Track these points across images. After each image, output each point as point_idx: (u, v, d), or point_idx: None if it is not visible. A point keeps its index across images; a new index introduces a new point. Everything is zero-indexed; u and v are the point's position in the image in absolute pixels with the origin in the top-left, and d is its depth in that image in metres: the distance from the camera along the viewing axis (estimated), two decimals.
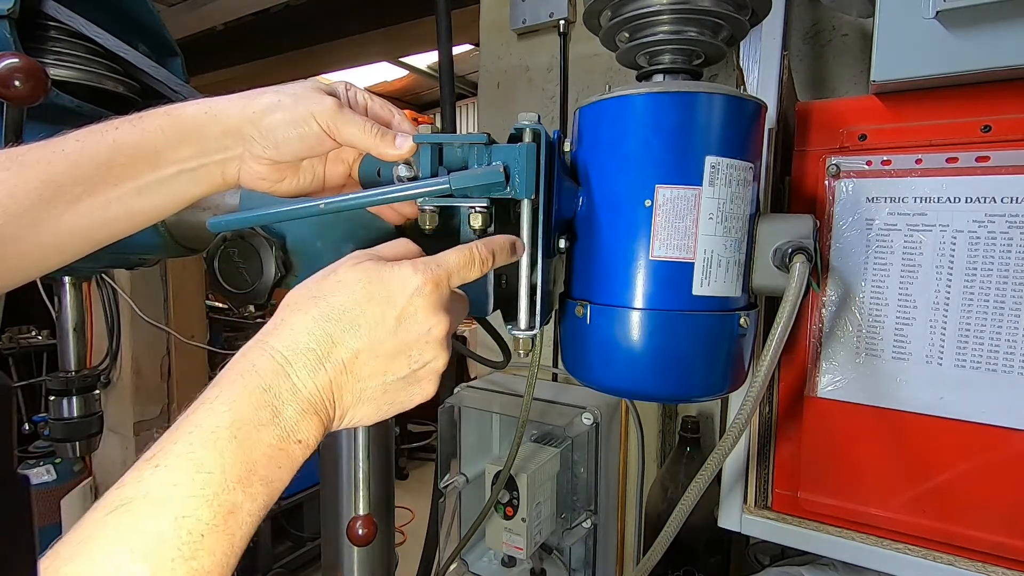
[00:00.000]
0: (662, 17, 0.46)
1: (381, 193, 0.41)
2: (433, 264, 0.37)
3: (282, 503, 2.47)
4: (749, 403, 0.45)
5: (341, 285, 0.35)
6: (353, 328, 0.34)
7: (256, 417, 0.30)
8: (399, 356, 0.36)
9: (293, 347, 0.32)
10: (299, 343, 0.32)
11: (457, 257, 0.38)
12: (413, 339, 0.36)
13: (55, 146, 0.38)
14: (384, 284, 0.35)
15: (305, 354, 0.32)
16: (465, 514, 0.97)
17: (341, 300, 0.34)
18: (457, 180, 0.40)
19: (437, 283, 0.36)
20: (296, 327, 0.33)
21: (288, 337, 0.33)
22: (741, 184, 0.46)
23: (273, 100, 0.41)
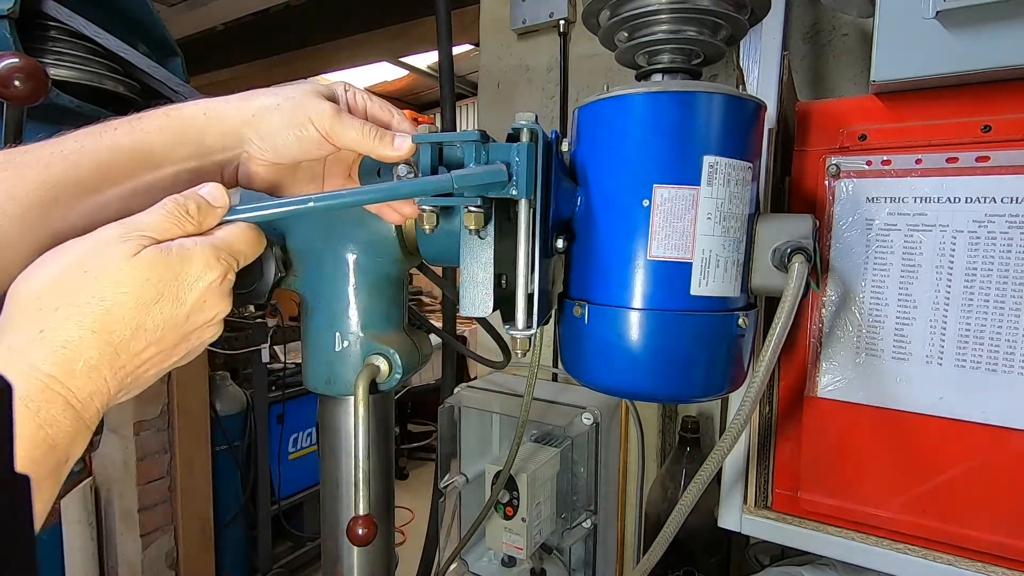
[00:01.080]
0: (661, 16, 0.46)
1: (375, 191, 0.40)
2: (225, 252, 0.35)
3: (282, 503, 2.47)
4: (748, 403, 0.45)
5: (120, 288, 0.31)
6: (138, 333, 0.32)
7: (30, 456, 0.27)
8: (181, 344, 0.35)
9: (70, 370, 0.29)
10: (77, 363, 0.29)
11: (245, 239, 0.37)
12: (197, 327, 0.35)
13: (54, 147, 0.38)
14: (175, 280, 0.33)
15: (87, 374, 0.30)
16: (465, 514, 0.97)
17: (126, 308, 0.31)
18: (459, 178, 0.39)
19: (227, 271, 0.36)
20: (71, 343, 0.29)
21: (62, 358, 0.29)
22: (740, 184, 0.46)
23: (271, 102, 0.41)
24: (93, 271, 0.31)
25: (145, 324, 0.32)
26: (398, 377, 0.53)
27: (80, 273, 0.31)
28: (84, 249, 0.32)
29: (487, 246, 0.42)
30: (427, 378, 3.26)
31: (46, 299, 0.30)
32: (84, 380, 0.30)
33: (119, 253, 0.32)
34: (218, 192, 0.36)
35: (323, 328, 0.53)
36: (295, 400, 2.49)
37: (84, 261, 0.31)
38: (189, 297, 0.34)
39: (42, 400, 0.28)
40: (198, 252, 0.34)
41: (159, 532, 2.07)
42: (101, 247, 0.32)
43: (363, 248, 0.52)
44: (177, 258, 0.33)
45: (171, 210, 0.34)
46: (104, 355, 0.30)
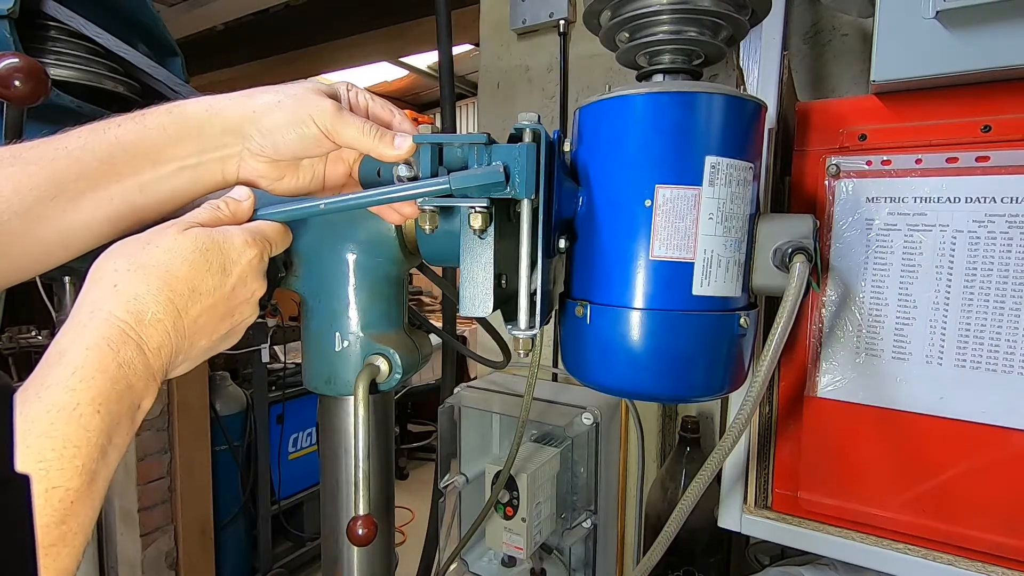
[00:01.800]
0: (662, 17, 0.46)
1: (381, 193, 0.41)
2: (259, 235, 0.40)
3: (282, 503, 2.47)
4: (749, 403, 0.45)
5: (176, 255, 0.36)
6: (194, 295, 0.36)
7: (113, 391, 0.31)
8: (227, 317, 0.39)
9: (140, 319, 0.34)
10: (146, 314, 0.34)
11: (275, 228, 0.42)
12: (240, 302, 0.40)
13: (58, 143, 0.38)
14: (221, 254, 0.38)
15: (154, 326, 0.34)
16: (465, 514, 0.97)
17: (183, 270, 0.36)
18: (457, 180, 0.40)
19: (262, 253, 0.40)
20: (141, 297, 0.34)
21: (134, 308, 0.33)
22: (741, 184, 0.46)
23: (273, 100, 0.41)
24: (153, 243, 0.36)
25: (199, 288, 0.36)
26: (398, 377, 0.53)
27: (144, 245, 0.36)
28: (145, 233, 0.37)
29: (487, 246, 0.42)
30: (427, 378, 3.26)
31: (118, 264, 0.35)
32: (152, 329, 0.34)
33: (173, 229, 0.37)
34: (243, 191, 0.42)
35: (323, 328, 0.53)
36: (295, 400, 2.49)
37: (148, 238, 0.37)
38: (234, 270, 0.38)
39: (120, 342, 0.32)
40: (237, 232, 0.39)
41: (159, 532, 2.07)
42: (159, 229, 0.37)
43: (363, 248, 0.52)
44: (221, 235, 0.38)
45: (206, 206, 0.40)
46: (167, 310, 0.35)
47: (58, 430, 0.29)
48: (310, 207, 0.42)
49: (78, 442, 0.29)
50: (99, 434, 0.30)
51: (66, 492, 0.28)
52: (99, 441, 0.30)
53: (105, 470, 0.31)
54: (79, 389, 0.30)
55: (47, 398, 0.30)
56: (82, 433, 0.30)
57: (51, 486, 0.28)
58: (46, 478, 0.28)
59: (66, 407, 0.29)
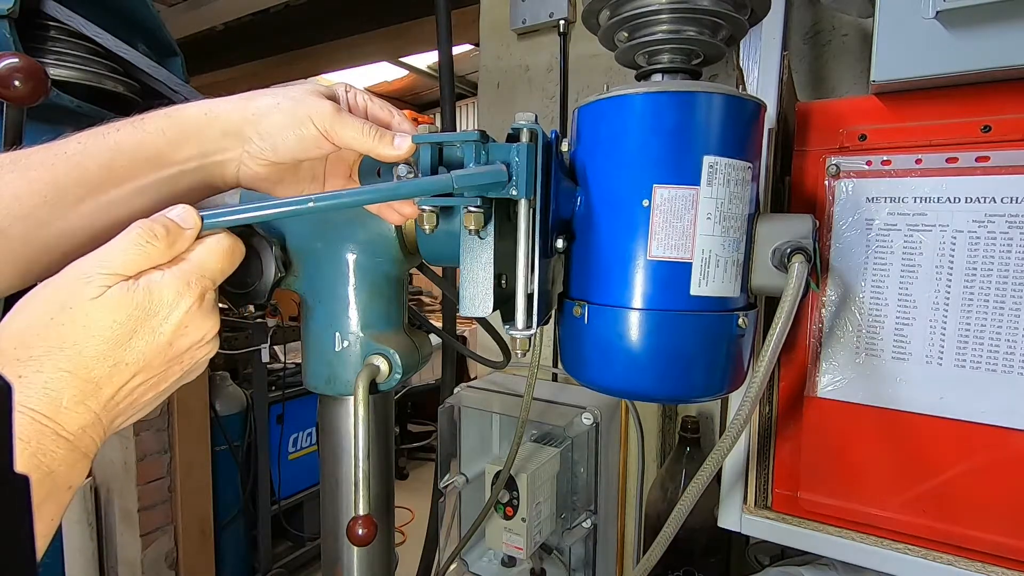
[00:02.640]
0: (661, 16, 0.46)
1: (375, 191, 0.40)
2: (196, 275, 0.35)
3: (282, 503, 2.47)
4: (748, 403, 0.45)
5: (89, 331, 0.32)
6: (119, 368, 0.33)
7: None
8: (172, 367, 0.36)
9: (56, 408, 0.30)
10: (61, 402, 0.31)
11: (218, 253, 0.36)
12: (186, 349, 0.36)
13: (58, 148, 0.38)
14: (147, 315, 0.33)
15: (73, 409, 0.31)
16: (465, 514, 0.97)
17: (97, 347, 0.32)
18: (459, 178, 0.39)
19: (203, 293, 0.35)
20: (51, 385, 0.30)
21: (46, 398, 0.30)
22: (740, 184, 0.46)
23: (272, 102, 0.41)
24: (58, 318, 0.31)
25: (124, 359, 0.33)
26: (398, 377, 0.53)
27: (47, 321, 0.31)
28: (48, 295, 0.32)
29: (487, 246, 0.42)
30: (427, 378, 3.26)
31: (21, 348, 0.31)
32: (71, 415, 0.31)
33: (82, 296, 0.32)
34: (188, 214, 0.36)
35: (323, 328, 0.53)
36: (295, 400, 2.49)
37: (48, 309, 0.32)
38: (166, 328, 0.34)
39: (33, 433, 0.29)
40: (167, 283, 0.34)
41: (159, 532, 2.07)
42: (64, 292, 0.32)
43: (363, 248, 0.52)
44: (144, 293, 0.33)
45: (135, 239, 0.33)
46: (86, 392, 0.31)
47: None
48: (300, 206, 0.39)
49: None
50: None
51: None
52: None
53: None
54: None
55: None
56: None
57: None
58: None
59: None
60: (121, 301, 0.32)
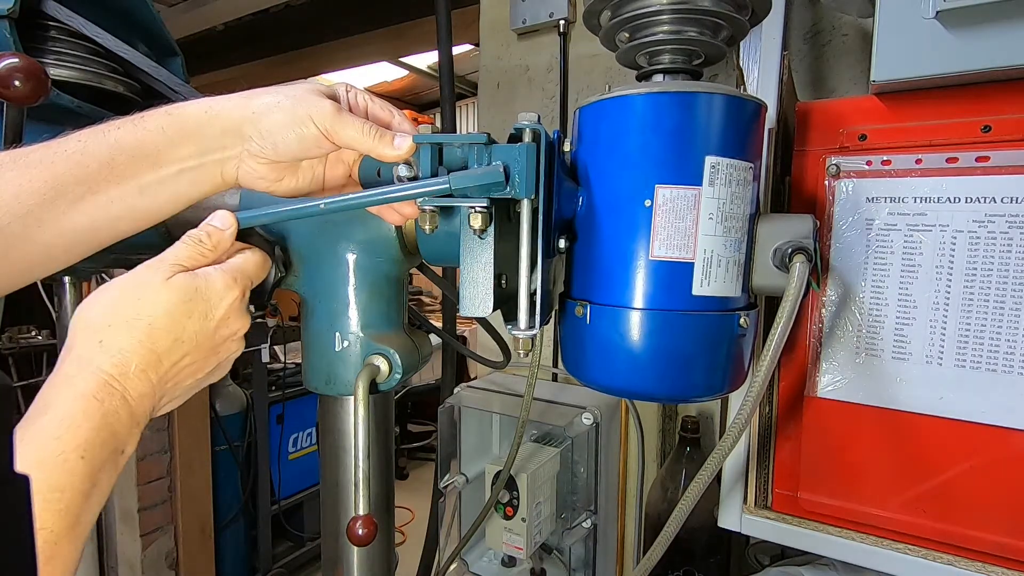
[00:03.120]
0: (662, 17, 0.46)
1: (381, 193, 0.41)
2: (240, 274, 0.41)
3: (282, 503, 2.47)
4: (749, 403, 0.45)
5: (159, 308, 0.37)
6: (177, 344, 0.38)
7: (98, 439, 0.33)
8: (211, 356, 0.41)
9: (125, 371, 0.35)
10: (130, 366, 0.35)
11: (255, 263, 0.43)
12: (223, 341, 0.41)
13: (58, 147, 0.38)
14: (203, 300, 0.39)
15: (138, 376, 0.36)
16: (465, 514, 0.97)
17: (165, 323, 0.37)
18: (457, 180, 0.40)
19: (244, 291, 0.42)
20: (125, 351, 0.36)
21: (119, 361, 0.35)
22: (741, 184, 0.46)
23: (272, 101, 0.41)
24: (135, 295, 0.37)
25: (181, 336, 0.38)
26: (398, 377, 0.52)
27: (126, 297, 0.37)
28: (126, 281, 0.38)
29: (487, 246, 0.42)
30: (427, 378, 3.26)
31: (102, 319, 0.37)
32: (136, 381, 0.36)
33: (155, 278, 0.38)
34: (226, 219, 0.42)
35: (323, 328, 0.53)
36: (295, 400, 2.49)
37: (127, 289, 0.38)
38: (216, 313, 0.39)
39: (106, 393, 0.34)
40: (219, 276, 0.40)
41: (159, 532, 2.07)
42: (140, 276, 0.38)
43: (363, 248, 0.52)
44: (203, 281, 0.39)
45: (187, 241, 0.40)
46: (150, 361, 0.36)
47: (44, 475, 0.30)
48: (310, 207, 0.42)
49: (62, 486, 0.31)
50: (83, 479, 0.32)
51: (50, 534, 0.30)
52: (83, 486, 0.31)
53: (88, 513, 0.32)
54: (65, 437, 0.31)
55: (33, 445, 0.31)
56: (67, 478, 0.31)
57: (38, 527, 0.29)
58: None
59: (52, 453, 0.31)
60: (184, 285, 0.38)
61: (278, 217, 0.42)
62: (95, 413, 0.33)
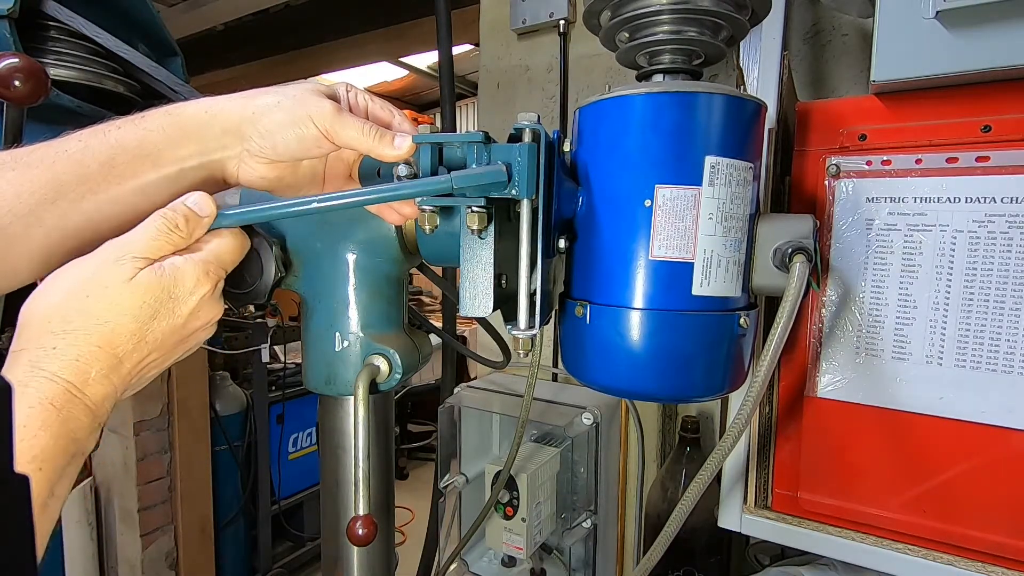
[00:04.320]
0: (662, 17, 0.46)
1: (376, 192, 0.40)
2: (214, 264, 0.39)
3: (282, 503, 2.47)
4: (749, 403, 0.45)
5: (120, 310, 0.35)
6: (141, 345, 0.36)
7: (57, 447, 0.32)
8: (179, 348, 0.39)
9: (84, 378, 0.33)
10: (89, 373, 0.33)
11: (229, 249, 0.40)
12: (193, 331, 0.39)
13: (58, 146, 0.38)
14: (171, 299, 0.36)
15: (99, 382, 0.34)
16: (465, 514, 0.97)
17: (127, 325, 0.35)
18: (459, 179, 0.39)
19: (217, 282, 0.39)
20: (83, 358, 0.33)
21: (77, 369, 0.33)
22: (741, 184, 0.46)
23: (272, 101, 0.41)
24: (94, 295, 0.34)
25: (145, 337, 0.36)
26: (398, 377, 0.53)
27: (83, 298, 0.34)
28: (84, 274, 0.35)
29: (487, 246, 0.42)
30: (427, 378, 3.26)
31: (56, 322, 0.34)
32: (96, 387, 0.34)
33: (117, 277, 0.35)
34: (204, 202, 0.39)
35: (323, 328, 0.53)
36: (295, 400, 2.49)
37: (85, 287, 0.35)
38: (184, 310, 0.37)
39: (64, 401, 0.32)
40: (189, 270, 0.37)
41: (159, 532, 2.07)
42: (100, 271, 0.35)
43: (363, 248, 0.52)
44: (170, 278, 0.36)
45: (159, 226, 0.37)
46: (111, 366, 0.35)
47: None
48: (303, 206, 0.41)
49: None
50: (40, 490, 0.30)
51: None
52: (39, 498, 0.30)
53: (46, 523, 0.31)
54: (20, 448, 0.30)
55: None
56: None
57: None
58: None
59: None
60: (150, 284, 0.36)
61: (271, 215, 0.41)
62: (53, 422, 0.31)
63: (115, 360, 0.35)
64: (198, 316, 0.38)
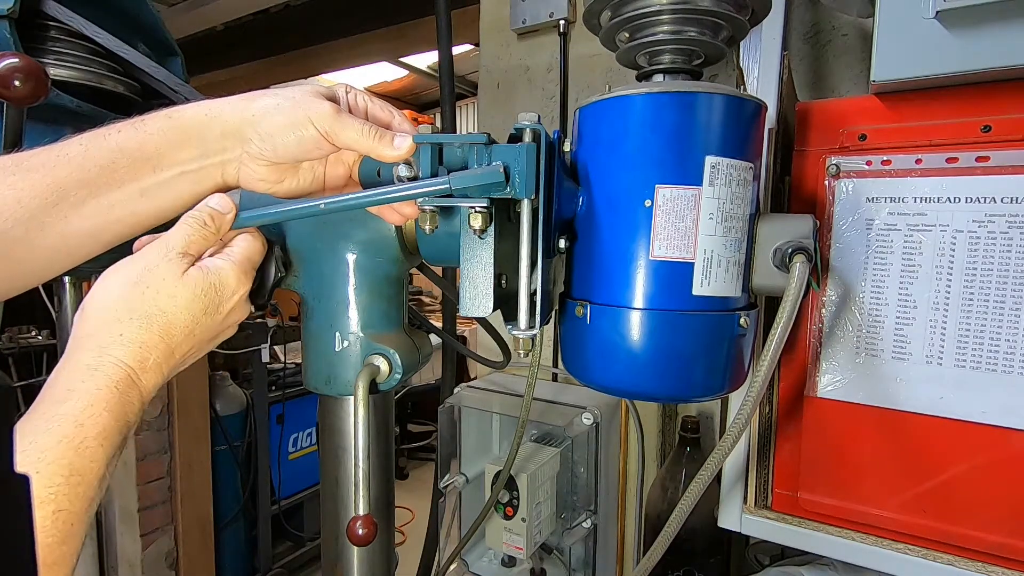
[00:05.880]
0: (662, 17, 0.46)
1: (381, 193, 0.41)
2: (248, 266, 0.43)
3: (282, 503, 2.47)
4: (749, 404, 0.45)
5: (177, 303, 0.38)
6: (188, 338, 0.39)
7: (115, 427, 0.35)
8: (212, 341, 0.43)
9: (144, 366, 0.37)
10: (148, 361, 0.37)
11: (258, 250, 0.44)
12: (226, 328, 0.43)
13: (59, 150, 0.39)
14: (218, 296, 0.40)
15: (153, 370, 0.37)
16: (465, 514, 0.97)
17: (182, 318, 0.39)
18: (457, 180, 0.40)
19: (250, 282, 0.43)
20: (145, 345, 0.37)
21: (139, 355, 0.37)
22: (741, 184, 0.46)
23: (272, 103, 0.41)
24: (153, 287, 0.38)
25: (194, 330, 0.39)
26: (398, 377, 0.53)
27: (144, 289, 0.38)
28: (139, 269, 0.38)
29: (487, 246, 0.42)
30: (427, 378, 3.26)
31: (121, 311, 0.37)
32: (151, 374, 0.37)
33: (171, 272, 0.39)
34: (224, 201, 0.42)
35: (323, 328, 0.53)
36: (295, 400, 2.49)
37: (144, 279, 0.38)
38: (225, 308, 0.41)
39: (127, 385, 0.36)
40: (231, 271, 0.41)
41: (159, 532, 2.07)
42: (153, 267, 0.38)
43: (363, 248, 0.52)
44: (217, 277, 0.40)
45: (191, 224, 0.40)
46: (164, 354, 0.38)
47: (67, 459, 0.32)
48: (310, 207, 0.42)
49: (83, 471, 0.32)
50: (101, 464, 0.34)
51: (69, 515, 0.31)
52: (99, 471, 0.33)
53: (99, 497, 0.34)
54: (87, 424, 0.33)
55: (57, 431, 0.32)
56: (87, 463, 0.33)
57: (58, 508, 0.31)
58: (54, 501, 0.31)
59: (75, 439, 0.33)
60: (200, 281, 0.39)
61: (278, 217, 0.42)
62: (115, 404, 0.35)
63: (169, 350, 0.38)
64: (233, 315, 0.42)
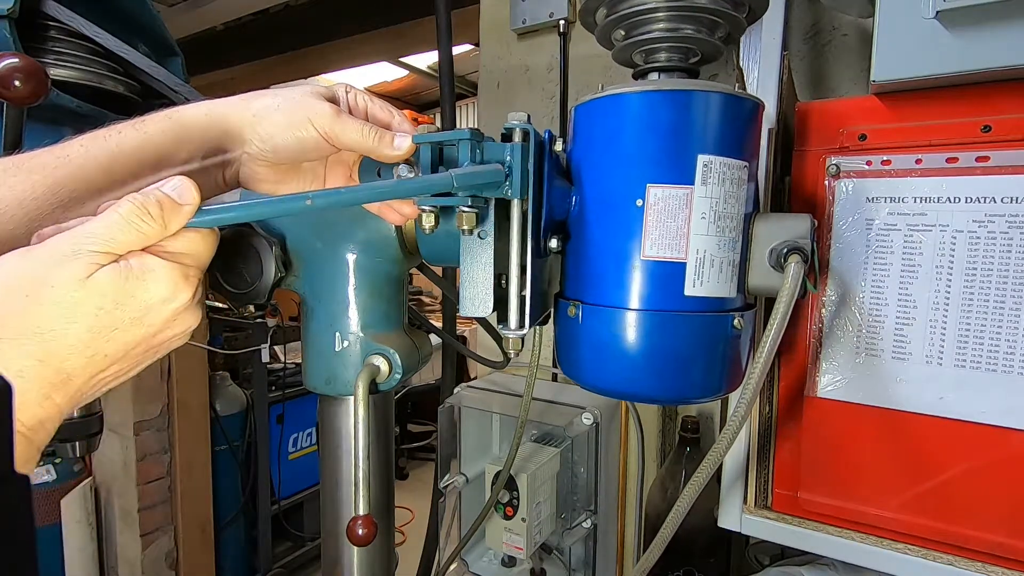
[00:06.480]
0: (657, 14, 0.46)
1: (370, 189, 0.39)
2: (194, 269, 0.33)
3: (282, 503, 2.47)
4: (743, 404, 0.45)
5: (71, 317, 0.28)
6: (97, 358, 0.29)
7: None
8: (148, 354, 0.33)
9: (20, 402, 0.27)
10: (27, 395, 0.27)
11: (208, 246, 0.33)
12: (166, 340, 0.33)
13: (60, 151, 0.38)
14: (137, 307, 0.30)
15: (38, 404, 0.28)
16: (465, 514, 0.97)
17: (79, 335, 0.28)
18: (460, 177, 0.39)
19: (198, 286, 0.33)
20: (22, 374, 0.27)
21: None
22: (735, 183, 0.46)
23: (272, 104, 0.41)
24: (35, 296, 0.27)
25: (103, 350, 0.29)
26: (398, 377, 0.53)
27: (21, 298, 0.27)
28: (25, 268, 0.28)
29: (487, 246, 0.42)
30: (427, 378, 3.26)
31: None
32: (35, 410, 0.28)
33: (69, 276, 0.28)
34: (186, 188, 0.31)
35: (323, 328, 0.53)
36: (295, 400, 2.49)
37: (24, 284, 0.27)
38: (156, 319, 0.31)
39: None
40: (165, 275, 0.31)
41: (159, 532, 2.07)
42: (48, 267, 0.28)
43: (363, 248, 0.52)
44: (138, 280, 0.30)
45: (128, 215, 0.29)
46: (55, 384, 0.28)
47: None
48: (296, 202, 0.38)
49: None
50: None
51: None
52: None
53: None
54: None
55: None
56: None
57: None
58: None
59: None
60: (111, 286, 0.29)
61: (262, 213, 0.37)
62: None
63: (61, 376, 0.28)
64: (173, 326, 0.32)
